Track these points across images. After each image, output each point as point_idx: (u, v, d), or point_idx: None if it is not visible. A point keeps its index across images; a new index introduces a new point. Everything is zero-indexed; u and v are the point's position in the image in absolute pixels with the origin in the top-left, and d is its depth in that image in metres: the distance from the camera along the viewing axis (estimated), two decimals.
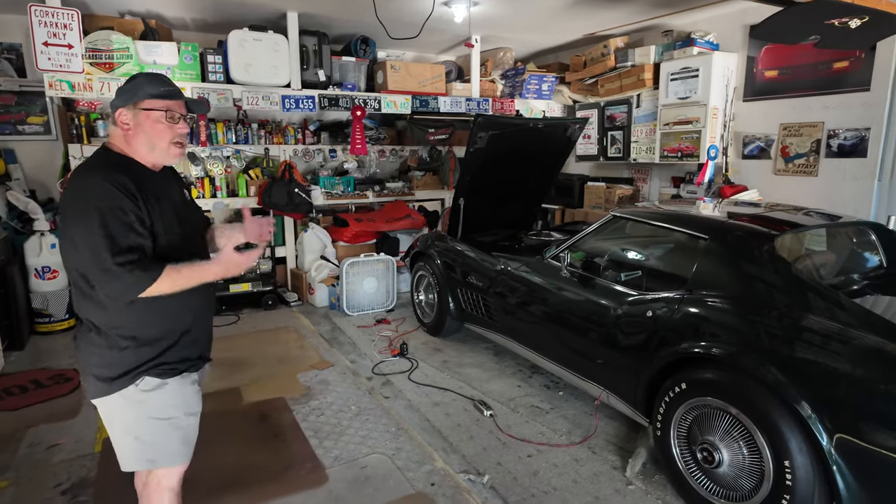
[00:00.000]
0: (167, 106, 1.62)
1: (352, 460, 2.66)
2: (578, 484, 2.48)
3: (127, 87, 1.62)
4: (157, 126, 1.61)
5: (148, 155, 1.63)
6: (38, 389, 3.39)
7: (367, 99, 5.22)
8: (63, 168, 4.69)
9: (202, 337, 1.80)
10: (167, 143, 1.63)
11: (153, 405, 1.63)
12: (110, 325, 1.57)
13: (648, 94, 5.28)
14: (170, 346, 1.65)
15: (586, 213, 5.76)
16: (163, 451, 1.68)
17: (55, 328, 4.40)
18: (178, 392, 1.67)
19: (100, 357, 1.58)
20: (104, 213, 1.46)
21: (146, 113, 1.59)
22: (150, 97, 1.60)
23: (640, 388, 2.56)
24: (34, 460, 2.63)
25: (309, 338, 4.37)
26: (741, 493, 2.12)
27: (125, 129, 1.61)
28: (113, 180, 1.50)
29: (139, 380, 1.60)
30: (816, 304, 2.13)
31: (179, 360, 1.67)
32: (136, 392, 1.60)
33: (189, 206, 1.81)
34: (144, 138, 1.61)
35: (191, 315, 1.70)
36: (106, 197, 1.48)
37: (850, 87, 4.06)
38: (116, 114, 1.61)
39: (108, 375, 1.58)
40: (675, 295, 2.49)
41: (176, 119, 1.64)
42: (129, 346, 1.58)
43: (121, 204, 1.49)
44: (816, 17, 2.79)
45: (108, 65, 4.09)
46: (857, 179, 4.07)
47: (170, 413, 1.66)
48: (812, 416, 1.86)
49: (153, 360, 1.61)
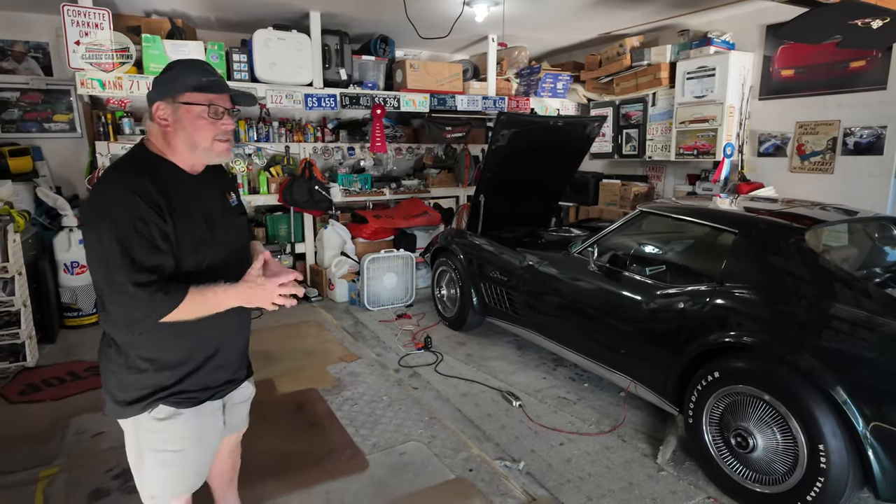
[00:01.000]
0: (210, 100, 1.43)
1: (389, 447, 2.73)
2: (611, 470, 2.56)
3: (165, 78, 1.44)
4: (199, 122, 1.43)
5: (189, 155, 1.47)
6: (76, 381, 3.47)
7: (386, 97, 5.30)
8: (90, 165, 4.77)
9: (231, 360, 1.63)
10: (209, 141, 1.45)
11: (165, 436, 1.50)
12: (129, 345, 1.44)
13: (664, 92, 5.35)
14: (191, 371, 1.50)
15: (601, 210, 5.84)
16: (164, 488, 1.58)
17: (84, 322, 4.48)
18: (193, 423, 1.54)
19: (116, 378, 1.47)
20: (121, 226, 1.31)
21: (186, 108, 1.41)
22: (191, 90, 1.41)
23: (670, 379, 2.63)
24: (82, 448, 2.71)
25: (333, 332, 4.45)
26: (774, 476, 2.19)
27: (163, 125, 1.44)
28: (135, 187, 1.34)
29: (153, 408, 1.47)
30: (844, 294, 2.21)
31: (200, 389, 1.53)
32: (148, 420, 1.48)
33: (232, 212, 1.62)
34: (184, 136, 1.43)
35: (219, 336, 1.55)
36: (122, 205, 1.32)
37: (866, 86, 4.13)
38: (154, 108, 1.43)
39: (123, 399, 1.46)
40: (705, 288, 2.56)
41: (219, 114, 1.45)
42: (147, 369, 1.45)
43: (140, 214, 1.32)
44: (841, 17, 2.86)
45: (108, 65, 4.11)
46: (874, 177, 4.15)
47: (180, 445, 1.53)
48: (847, 401, 1.94)
49: (171, 388, 1.48)
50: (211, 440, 1.63)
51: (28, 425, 2.93)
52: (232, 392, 1.70)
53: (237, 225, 1.64)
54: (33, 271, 4.02)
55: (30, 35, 4.83)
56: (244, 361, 1.75)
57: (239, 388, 1.74)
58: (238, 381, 1.71)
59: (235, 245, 1.61)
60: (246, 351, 1.76)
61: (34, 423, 2.94)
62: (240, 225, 1.66)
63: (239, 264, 1.50)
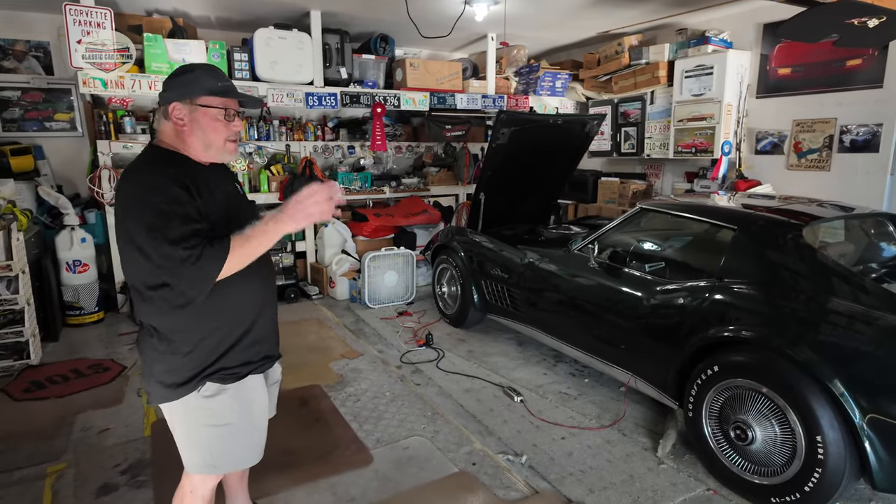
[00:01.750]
0: (225, 104, 1.54)
1: (393, 442, 2.77)
2: (613, 463, 2.60)
3: (183, 81, 1.53)
4: (214, 123, 1.53)
5: (203, 153, 1.56)
6: (80, 378, 3.49)
7: (387, 96, 5.32)
8: (91, 164, 4.79)
9: (265, 336, 1.72)
10: (223, 141, 1.56)
11: (213, 411, 1.59)
12: (172, 329, 1.52)
13: (662, 91, 5.39)
14: (230, 346, 1.59)
15: (600, 207, 5.88)
16: (224, 457, 1.65)
17: (86, 320, 4.49)
18: (239, 398, 1.62)
19: (163, 363, 1.54)
20: (161, 209, 1.40)
21: (204, 110, 1.52)
22: (209, 93, 1.52)
23: (670, 373, 2.67)
24: (89, 444, 2.74)
25: (334, 329, 4.48)
26: (773, 468, 2.23)
27: (179, 125, 1.53)
28: (165, 174, 1.45)
29: (201, 386, 1.56)
30: (841, 288, 2.25)
31: (241, 364, 1.62)
32: (197, 398, 1.56)
33: (241, 200, 1.73)
34: (200, 135, 1.54)
35: (251, 311, 1.64)
36: (159, 192, 1.41)
37: (862, 84, 4.18)
38: (170, 108, 1.52)
39: (173, 381, 1.54)
40: (704, 283, 2.60)
41: (232, 116, 1.57)
42: (191, 351, 1.53)
43: (176, 196, 1.42)
44: (838, 16, 2.90)
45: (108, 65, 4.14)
46: (870, 174, 4.19)
47: (228, 419, 1.61)
48: (844, 394, 1.98)
49: (214, 365, 1.56)
50: (258, 413, 1.70)
51: (34, 422, 2.95)
52: (270, 369, 1.80)
53: (246, 206, 1.75)
54: (36, 270, 4.04)
55: (31, 34, 4.84)
56: (277, 338, 1.83)
57: (275, 367, 1.85)
58: (274, 357, 1.80)
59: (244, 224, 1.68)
60: (277, 328, 1.83)
61: (40, 420, 2.96)
62: (248, 207, 1.77)
63: None
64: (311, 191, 1.42)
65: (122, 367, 3.65)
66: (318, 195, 1.42)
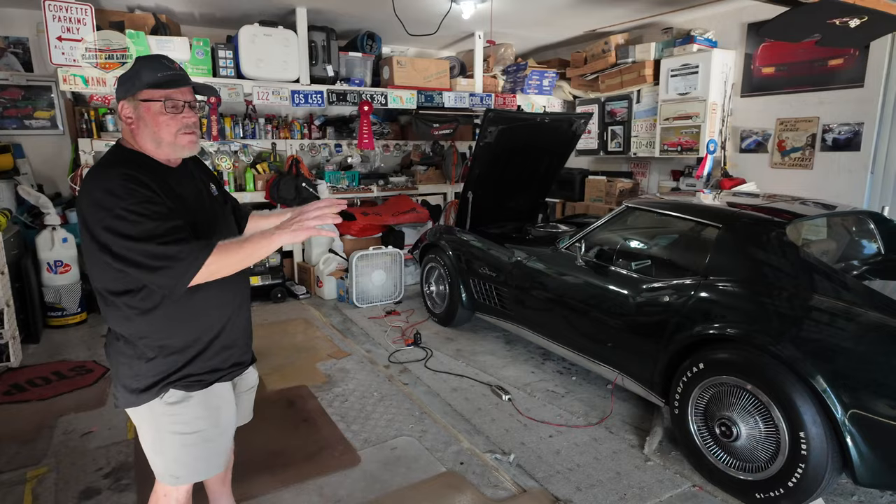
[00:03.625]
0: (166, 95, 1.45)
1: (381, 442, 2.76)
2: (600, 461, 2.61)
3: (125, 76, 1.47)
4: (159, 118, 1.45)
5: (155, 150, 1.49)
6: (62, 380, 3.43)
7: (374, 94, 5.30)
8: (73, 163, 4.71)
9: (235, 341, 1.66)
10: (172, 135, 1.47)
11: (178, 418, 1.55)
12: (137, 335, 1.49)
13: (649, 89, 5.42)
14: (197, 354, 1.55)
15: (587, 206, 5.90)
16: (187, 467, 1.61)
17: (68, 322, 4.43)
18: (205, 405, 1.58)
19: (128, 367, 1.51)
20: (133, 210, 1.35)
21: (146, 105, 1.44)
22: (146, 86, 1.44)
23: (656, 371, 2.69)
24: (71, 447, 2.69)
25: (322, 329, 4.45)
26: (757, 464, 2.26)
27: (128, 123, 1.48)
28: (127, 176, 1.38)
29: (164, 392, 1.52)
30: (823, 285, 2.28)
31: (208, 371, 1.58)
32: (161, 405, 1.53)
33: (214, 201, 1.67)
34: (148, 132, 1.47)
35: (221, 317, 1.59)
36: (128, 196, 1.36)
37: (844, 84, 4.23)
38: (119, 107, 1.48)
39: (136, 387, 1.51)
40: (690, 281, 2.62)
41: (179, 108, 1.47)
42: (156, 357, 1.50)
43: (145, 198, 1.37)
44: (820, 16, 2.94)
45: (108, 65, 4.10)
46: (851, 172, 4.25)
47: (195, 427, 1.57)
48: (826, 389, 2.00)
49: (179, 371, 1.53)
50: (226, 422, 1.66)
51: (14, 425, 2.89)
52: (241, 375, 1.75)
53: (223, 214, 1.69)
54: (16, 270, 3.97)
55: (9, 30, 4.74)
56: (249, 344, 1.78)
57: (247, 373, 1.79)
58: (245, 364, 1.75)
59: (221, 229, 1.63)
60: (250, 333, 1.78)
61: (20, 424, 2.91)
62: (225, 214, 1.71)
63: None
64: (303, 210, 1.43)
65: (105, 369, 3.59)
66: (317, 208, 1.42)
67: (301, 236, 1.41)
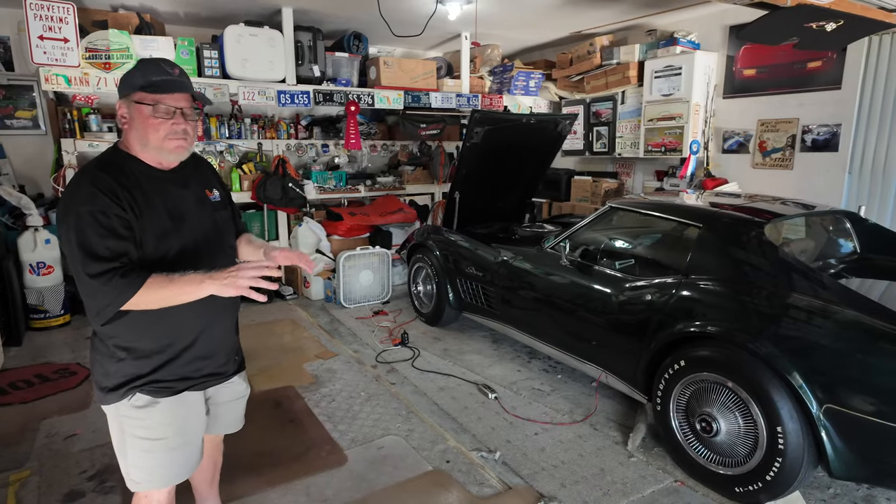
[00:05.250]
0: (157, 100, 1.46)
1: (367, 442, 2.77)
2: (584, 458, 2.65)
3: (125, 77, 1.51)
4: (149, 121, 1.47)
5: (142, 151, 1.51)
6: (45, 383, 3.40)
7: (361, 94, 5.30)
8: (55, 163, 4.66)
9: (212, 353, 1.64)
10: (160, 140, 1.49)
11: (143, 423, 1.54)
12: (106, 335, 1.51)
13: (633, 90, 5.48)
14: (167, 361, 1.54)
15: (573, 206, 5.95)
16: (148, 474, 1.59)
17: (51, 324, 4.38)
18: (172, 413, 1.57)
19: (100, 365, 1.54)
20: (82, 218, 1.37)
21: (138, 107, 1.47)
22: (140, 89, 1.47)
23: (639, 368, 2.73)
24: (54, 450, 2.67)
25: (309, 329, 4.45)
26: (737, 459, 2.30)
27: (122, 123, 1.51)
28: (96, 181, 1.41)
29: (131, 395, 1.52)
30: (801, 284, 2.33)
31: (178, 379, 1.57)
32: (127, 407, 1.53)
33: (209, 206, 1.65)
34: (136, 133, 1.50)
35: (195, 326, 1.57)
36: (85, 200, 1.38)
37: (822, 86, 4.32)
38: (117, 107, 1.52)
39: (105, 385, 1.52)
40: (671, 280, 2.66)
41: (170, 113, 1.48)
42: (125, 358, 1.51)
43: (101, 207, 1.38)
44: (797, 20, 3.00)
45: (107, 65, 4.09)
46: (830, 172, 4.34)
47: (159, 433, 1.56)
48: (802, 385, 2.05)
49: (146, 377, 1.52)
50: (192, 432, 1.64)
51: None
52: (217, 386, 1.71)
53: (214, 219, 1.66)
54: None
55: None
56: (231, 355, 1.75)
57: (227, 384, 1.74)
58: (224, 375, 1.71)
59: (210, 238, 1.62)
60: (234, 344, 1.76)
61: (3, 427, 2.88)
62: (217, 220, 1.67)
63: (213, 258, 1.55)
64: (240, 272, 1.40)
65: (88, 371, 3.56)
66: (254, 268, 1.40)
67: (229, 292, 1.39)
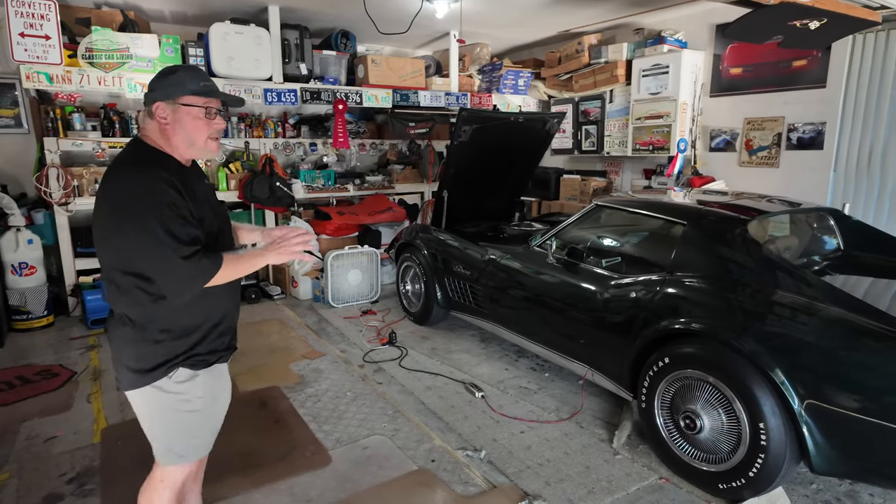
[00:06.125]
0: (206, 103, 1.63)
1: (352, 442, 2.75)
2: (570, 455, 2.65)
3: (167, 82, 1.62)
4: (197, 122, 1.62)
5: (186, 150, 1.65)
6: (26, 385, 3.35)
7: (348, 93, 5.27)
8: (38, 162, 4.59)
9: (231, 328, 1.83)
10: (204, 139, 1.64)
11: (185, 396, 1.66)
12: (147, 319, 1.59)
13: (621, 89, 5.49)
14: (202, 338, 1.68)
15: (562, 204, 5.96)
16: (191, 445, 1.72)
17: (34, 325, 4.32)
18: (209, 383, 1.71)
19: (135, 349, 1.61)
20: (160, 210, 1.49)
21: (186, 109, 1.60)
22: (191, 93, 1.61)
23: (624, 365, 2.73)
24: (34, 452, 2.63)
25: (297, 329, 4.42)
26: (720, 455, 2.31)
27: (163, 123, 1.61)
28: (158, 176, 1.52)
29: (173, 371, 1.63)
30: (785, 281, 2.34)
31: (210, 352, 1.70)
32: (170, 384, 1.63)
33: (216, 198, 1.82)
34: (183, 134, 1.62)
35: (223, 307, 1.73)
36: (157, 193, 1.50)
37: (807, 84, 4.35)
38: (154, 107, 1.61)
39: (143, 367, 1.60)
40: (656, 277, 2.67)
41: (213, 115, 1.65)
42: (163, 339, 1.61)
43: (172, 199, 1.51)
44: (781, 18, 3.01)
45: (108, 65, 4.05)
46: (815, 170, 4.37)
47: (199, 405, 1.69)
48: (784, 381, 2.06)
49: (186, 353, 1.64)
50: (223, 398, 1.80)
51: None
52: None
53: (223, 211, 1.84)
54: None
55: None
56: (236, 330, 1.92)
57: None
58: (234, 347, 1.87)
59: (224, 225, 1.79)
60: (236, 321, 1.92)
61: None
62: (224, 211, 1.86)
63: (228, 242, 1.77)
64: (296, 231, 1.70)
65: (71, 373, 3.52)
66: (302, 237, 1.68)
67: (285, 258, 1.69)
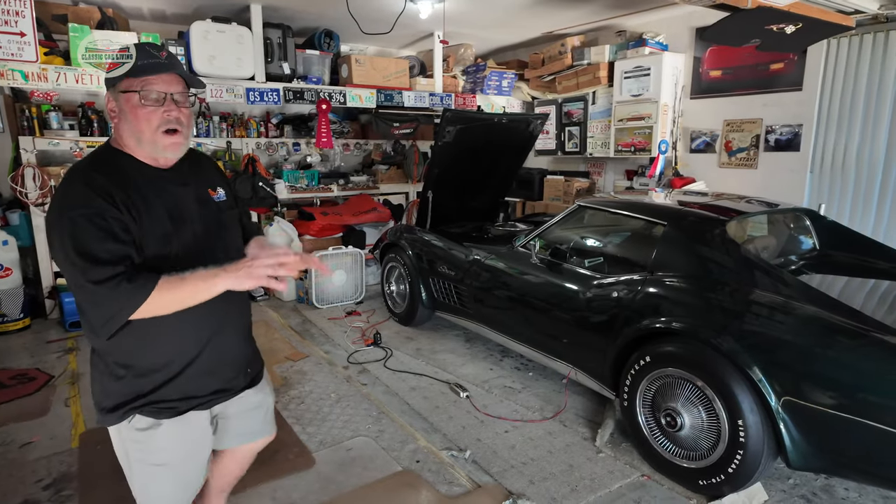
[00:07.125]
0: (143, 84, 1.30)
1: (336, 443, 2.74)
2: (553, 454, 2.66)
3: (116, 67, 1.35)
4: (138, 110, 1.30)
5: (137, 148, 1.36)
6: (1, 389, 3.27)
7: (332, 93, 5.25)
8: (13, 162, 4.50)
9: (221, 367, 1.50)
10: (152, 132, 1.32)
11: (145, 447, 1.42)
12: (104, 350, 1.38)
13: (603, 91, 5.54)
14: (169, 378, 1.41)
15: (546, 205, 6.00)
16: (154, 498, 1.51)
17: (9, 328, 4.22)
18: (177, 435, 1.44)
19: (99, 383, 1.43)
20: (76, 221, 1.23)
21: (126, 96, 1.31)
22: (127, 76, 1.30)
23: (606, 364, 2.76)
24: (8, 458, 2.58)
25: (280, 331, 4.39)
26: (700, 452, 2.35)
27: (112, 117, 1.36)
28: (89, 181, 1.28)
29: (130, 416, 1.40)
30: (763, 281, 2.38)
31: (181, 398, 1.43)
32: (128, 430, 1.41)
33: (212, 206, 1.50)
34: (128, 127, 1.33)
35: (197, 340, 1.43)
36: (78, 202, 1.25)
37: (785, 87, 4.43)
38: (105, 100, 1.38)
39: (104, 406, 1.41)
40: (637, 277, 2.70)
41: (161, 100, 1.31)
42: (125, 376, 1.38)
43: (98, 210, 1.24)
44: (758, 22, 3.07)
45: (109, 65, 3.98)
46: (792, 171, 4.46)
47: (162, 458, 1.44)
48: (762, 379, 2.10)
49: (147, 396, 1.39)
50: (198, 455, 1.53)
51: None
52: (226, 402, 1.56)
53: (219, 220, 1.51)
54: None
55: None
56: (242, 368, 1.60)
57: (237, 398, 1.59)
58: (233, 391, 1.56)
59: (213, 241, 1.47)
60: (245, 355, 1.61)
61: None
62: (222, 221, 1.52)
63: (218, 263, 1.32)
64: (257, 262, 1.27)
65: (48, 377, 3.45)
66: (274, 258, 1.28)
67: (247, 284, 1.27)
